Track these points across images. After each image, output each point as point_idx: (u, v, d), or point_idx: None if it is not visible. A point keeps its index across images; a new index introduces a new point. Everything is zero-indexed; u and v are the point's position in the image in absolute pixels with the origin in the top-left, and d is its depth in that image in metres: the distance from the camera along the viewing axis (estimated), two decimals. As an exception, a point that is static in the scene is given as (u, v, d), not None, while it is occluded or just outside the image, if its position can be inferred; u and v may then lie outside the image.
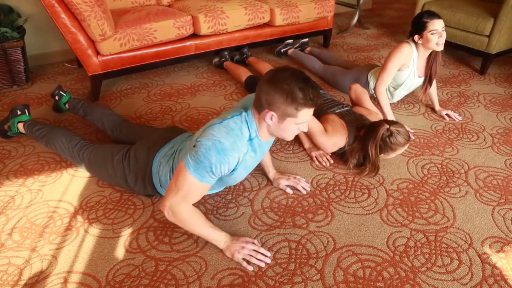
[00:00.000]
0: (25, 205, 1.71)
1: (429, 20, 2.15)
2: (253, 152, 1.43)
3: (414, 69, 2.34)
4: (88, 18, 2.21)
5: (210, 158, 1.29)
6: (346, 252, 1.49)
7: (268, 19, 3.05)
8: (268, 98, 1.28)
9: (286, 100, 1.25)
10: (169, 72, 3.03)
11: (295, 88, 1.24)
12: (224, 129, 1.33)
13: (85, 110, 2.18)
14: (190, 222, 1.40)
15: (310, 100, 1.26)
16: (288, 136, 1.39)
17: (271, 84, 1.27)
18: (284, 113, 1.28)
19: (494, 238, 1.57)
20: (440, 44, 2.19)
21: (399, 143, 1.80)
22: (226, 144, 1.30)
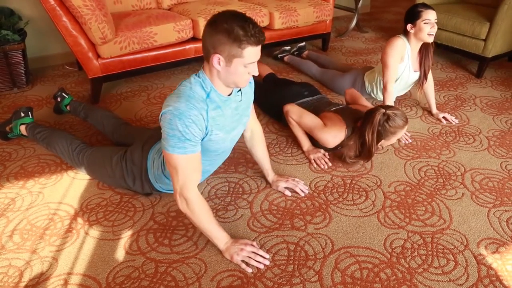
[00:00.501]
0: (25, 207, 1.72)
1: (424, 10, 2.21)
2: (218, 108, 1.41)
3: (409, 63, 2.37)
4: (89, 22, 2.23)
5: (176, 127, 1.30)
6: (344, 253, 1.51)
7: (267, 22, 3.07)
8: (211, 41, 1.27)
9: (229, 39, 1.24)
10: (169, 75, 3.05)
11: (235, 26, 1.23)
12: (174, 95, 1.34)
13: (86, 112, 2.20)
14: (199, 211, 1.40)
15: (252, 37, 1.24)
16: (240, 80, 1.36)
17: (212, 26, 1.27)
18: (230, 54, 1.27)
19: (490, 240, 1.59)
20: (432, 34, 2.23)
21: (398, 125, 1.82)
22: (181, 106, 1.30)
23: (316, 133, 1.97)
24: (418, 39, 2.29)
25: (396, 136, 1.87)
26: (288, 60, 3.25)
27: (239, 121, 1.55)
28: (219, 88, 1.40)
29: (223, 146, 1.54)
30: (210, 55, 1.30)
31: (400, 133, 1.86)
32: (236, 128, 1.55)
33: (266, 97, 2.47)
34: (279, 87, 2.51)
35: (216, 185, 1.87)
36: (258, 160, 1.82)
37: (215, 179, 1.91)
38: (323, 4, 3.32)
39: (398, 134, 1.86)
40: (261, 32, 1.27)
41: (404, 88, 2.55)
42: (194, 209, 1.39)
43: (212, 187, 1.86)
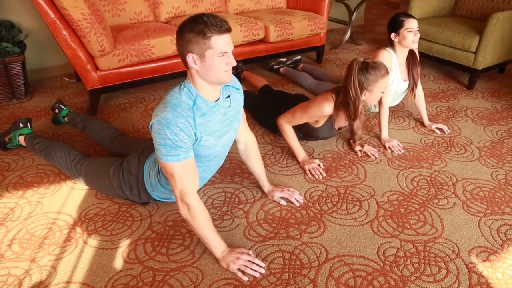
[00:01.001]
0: (24, 216, 1.74)
1: (406, 19, 2.30)
2: (204, 115, 1.43)
3: (397, 73, 2.43)
4: (89, 35, 2.28)
5: (166, 135, 1.34)
6: (338, 262, 1.54)
7: (263, 35, 3.13)
8: (181, 44, 1.34)
9: (194, 34, 1.29)
10: (166, 86, 3.10)
11: (196, 22, 1.29)
12: (161, 105, 1.39)
13: (84, 124, 2.24)
14: (200, 217, 1.43)
15: (213, 26, 1.28)
16: (220, 74, 1.37)
17: (179, 33, 1.34)
18: (200, 49, 1.31)
19: (481, 248, 1.63)
20: (415, 42, 2.31)
21: (379, 72, 1.85)
22: (168, 116, 1.34)
23: (307, 112, 2.01)
24: (403, 47, 2.37)
25: (379, 86, 1.88)
26: (284, 71, 3.31)
27: (229, 126, 1.59)
28: (205, 93, 1.43)
29: (214, 151, 1.57)
30: (185, 57, 1.35)
31: (382, 82, 1.87)
32: (227, 134, 1.58)
33: (261, 109, 2.52)
34: (274, 98, 2.56)
35: (212, 195, 1.90)
36: (254, 171, 1.86)
37: (211, 189, 1.94)
38: (317, 18, 3.39)
39: (381, 84, 1.88)
40: (223, 21, 1.32)
41: (395, 98, 2.60)
42: (194, 215, 1.42)
43: (208, 197, 1.89)
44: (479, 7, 3.50)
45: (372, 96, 1.93)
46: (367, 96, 1.92)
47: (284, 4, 3.81)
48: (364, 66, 1.87)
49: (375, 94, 1.92)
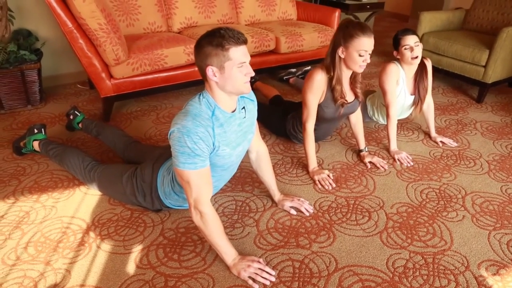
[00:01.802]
0: (39, 220, 1.78)
1: (402, 37, 2.31)
2: (221, 126, 1.47)
3: (404, 87, 2.45)
4: (104, 44, 2.34)
5: (185, 143, 1.37)
6: (348, 272, 1.56)
7: (274, 46, 3.18)
8: (200, 58, 1.38)
9: (213, 47, 1.34)
10: (177, 95, 3.15)
11: (214, 36, 1.34)
12: (181, 114, 1.42)
13: (98, 130, 2.28)
14: (212, 225, 1.45)
15: (230, 38, 1.33)
16: (239, 84, 1.41)
17: (197, 47, 1.39)
18: (219, 61, 1.35)
19: (490, 261, 1.63)
20: (414, 57, 2.30)
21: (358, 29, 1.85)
22: (188, 124, 1.37)
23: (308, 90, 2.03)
24: (405, 63, 2.38)
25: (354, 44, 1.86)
26: (293, 82, 3.35)
27: (244, 137, 1.63)
28: (223, 104, 1.47)
29: (229, 161, 1.61)
30: (204, 70, 1.39)
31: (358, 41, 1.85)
32: (241, 144, 1.62)
33: (273, 117, 2.55)
34: (285, 108, 2.59)
35: (223, 203, 1.93)
36: (264, 180, 1.89)
37: (222, 198, 1.97)
38: (327, 30, 3.44)
39: (356, 43, 1.85)
40: (239, 33, 1.36)
41: (402, 111, 2.62)
42: (207, 223, 1.45)
43: (219, 205, 1.91)
44: (489, 21, 3.53)
45: (349, 56, 1.90)
46: (345, 55, 1.92)
47: (294, 16, 3.86)
48: (348, 22, 1.91)
49: (351, 54, 1.89)
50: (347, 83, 2.10)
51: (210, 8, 3.31)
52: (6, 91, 2.68)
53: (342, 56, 1.93)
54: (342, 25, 1.94)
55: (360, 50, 1.87)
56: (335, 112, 2.13)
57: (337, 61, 1.95)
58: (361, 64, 1.91)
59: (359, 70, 1.96)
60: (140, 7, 2.98)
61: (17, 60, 2.61)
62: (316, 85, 2.01)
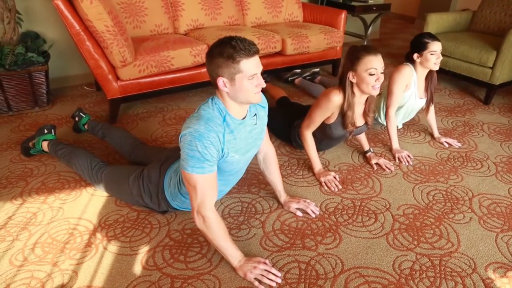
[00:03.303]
0: (46, 221, 1.79)
1: (430, 41, 2.29)
2: (231, 133, 1.47)
3: (415, 91, 2.44)
4: (111, 46, 2.35)
5: (196, 147, 1.37)
6: (354, 274, 1.55)
7: (280, 48, 3.18)
8: (211, 68, 1.38)
9: (224, 59, 1.33)
10: (183, 97, 3.16)
11: (225, 47, 1.33)
12: (194, 118, 1.42)
13: (104, 132, 2.29)
14: (216, 228, 1.45)
15: (242, 50, 1.32)
16: (250, 96, 1.41)
17: (209, 56, 1.38)
18: (230, 73, 1.35)
19: (498, 264, 1.62)
20: (437, 64, 2.32)
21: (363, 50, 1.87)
22: (201, 129, 1.38)
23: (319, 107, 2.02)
24: (424, 68, 2.37)
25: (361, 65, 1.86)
26: (299, 83, 3.35)
27: (254, 144, 1.63)
28: (233, 111, 1.48)
29: (237, 167, 1.62)
30: (215, 80, 1.40)
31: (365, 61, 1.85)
32: (250, 151, 1.63)
33: (277, 121, 2.55)
34: (289, 110, 2.59)
35: (229, 205, 1.93)
36: (271, 181, 1.89)
37: (228, 199, 1.97)
38: (334, 31, 3.43)
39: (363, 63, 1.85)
40: (251, 44, 1.35)
41: (409, 114, 2.61)
42: (211, 227, 1.45)
43: (225, 207, 1.92)
44: (496, 22, 3.51)
45: (360, 78, 1.89)
46: (356, 79, 1.91)
47: (300, 17, 3.86)
48: (352, 47, 1.94)
49: (361, 76, 1.88)
50: (361, 108, 2.09)
51: (216, 10, 3.32)
52: (14, 93, 2.70)
53: (354, 80, 1.92)
54: (348, 52, 1.96)
55: (369, 69, 1.85)
56: (342, 133, 2.16)
57: (349, 87, 1.94)
58: (374, 84, 1.88)
59: (373, 92, 1.92)
60: (147, 9, 3.00)
61: (25, 62, 2.63)
62: (329, 106, 2.00)
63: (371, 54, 1.86)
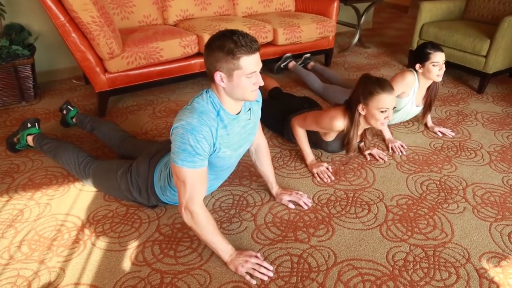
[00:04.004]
0: (33, 218, 1.75)
1: (433, 52, 2.22)
2: (225, 128, 1.44)
3: (413, 99, 2.40)
4: (98, 37, 2.29)
5: (187, 141, 1.33)
6: (347, 266, 1.53)
7: (271, 38, 3.14)
8: (209, 61, 1.33)
9: (224, 54, 1.29)
10: (173, 89, 3.11)
11: (226, 41, 1.28)
12: (187, 110, 1.38)
13: (93, 125, 2.24)
14: (204, 224, 1.43)
15: (243, 46, 1.28)
16: (246, 93, 1.38)
17: (208, 48, 1.33)
18: (229, 68, 1.31)
19: (492, 253, 1.60)
20: (440, 75, 2.26)
21: (378, 87, 1.81)
22: (193, 122, 1.34)
23: (318, 122, 1.99)
24: (426, 79, 2.32)
25: (374, 101, 1.82)
26: (292, 68, 3.27)
27: (247, 139, 1.60)
28: (228, 106, 1.44)
29: (229, 162, 1.59)
30: (213, 74, 1.35)
31: (378, 99, 1.81)
32: (243, 146, 1.60)
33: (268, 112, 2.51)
34: (281, 102, 2.56)
35: (220, 198, 1.90)
36: (263, 173, 1.85)
37: (219, 192, 1.94)
38: (326, 21, 3.39)
39: (376, 100, 1.81)
40: (253, 40, 1.30)
41: (405, 118, 2.57)
42: (199, 222, 1.42)
43: (216, 200, 1.88)
44: (490, 10, 3.48)
45: (369, 113, 1.87)
46: (366, 112, 1.88)
47: (292, 7, 3.81)
48: (367, 78, 1.88)
49: (371, 111, 1.86)
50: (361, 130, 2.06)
51: (206, 0, 3.25)
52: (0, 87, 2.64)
53: (363, 113, 1.90)
54: (361, 80, 1.90)
55: (381, 108, 1.83)
56: (337, 149, 2.19)
57: (357, 118, 1.91)
58: (383, 121, 1.87)
59: (380, 127, 1.92)
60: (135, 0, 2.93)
61: (10, 56, 2.57)
62: (329, 127, 1.98)
63: (385, 92, 1.82)
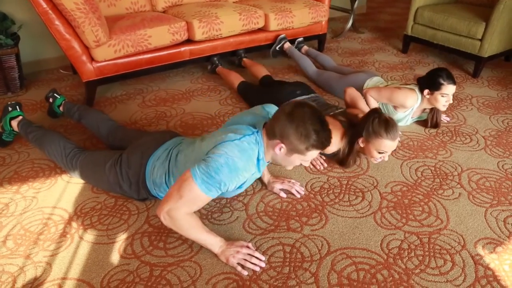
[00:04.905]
0: (19, 212, 1.70)
1: (446, 84, 2.15)
2: (258, 172, 1.49)
3: (409, 115, 2.35)
4: (83, 25, 2.22)
5: (221, 174, 1.31)
6: (340, 255, 1.50)
7: (263, 24, 3.07)
8: (282, 131, 1.33)
9: (300, 138, 1.31)
10: (164, 77, 3.04)
11: (310, 129, 1.30)
12: (237, 148, 1.34)
13: (81, 114, 2.16)
14: (187, 227, 1.39)
15: (321, 143, 1.34)
16: (289, 166, 1.48)
17: (288, 117, 1.32)
18: (294, 149, 1.35)
19: (487, 239, 1.58)
20: (446, 106, 2.22)
21: (384, 131, 1.77)
22: (239, 164, 1.33)
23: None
24: (430, 104, 2.27)
25: (375, 143, 1.80)
26: (288, 50, 3.19)
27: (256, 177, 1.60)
28: (267, 157, 1.48)
29: (235, 193, 1.63)
30: (275, 140, 1.37)
31: (379, 142, 1.79)
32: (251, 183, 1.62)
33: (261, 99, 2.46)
34: (273, 88, 2.51)
35: (211, 188, 1.86)
36: None
37: (210, 182, 1.90)
38: (319, 5, 3.32)
39: (377, 142, 1.80)
40: (330, 138, 1.37)
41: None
42: (180, 225, 1.39)
43: (207, 190, 1.84)
44: (485, -8, 3.42)
45: (367, 149, 1.86)
46: (364, 147, 1.87)
47: (284, -8, 3.72)
48: (377, 115, 1.82)
49: (369, 149, 1.85)
50: None
51: (195, -14, 3.17)
52: (-16, 78, 2.57)
53: (362, 145, 1.88)
54: (370, 115, 1.84)
55: (380, 150, 1.81)
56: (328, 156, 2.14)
57: (356, 148, 1.91)
58: (378, 159, 1.88)
59: (374, 161, 1.92)
60: (122, -14, 2.85)
61: (-7, 45, 2.49)
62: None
63: (389, 139, 1.78)
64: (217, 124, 2.39)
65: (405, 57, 3.57)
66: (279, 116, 1.36)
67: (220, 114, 2.51)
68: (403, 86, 2.31)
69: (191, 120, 2.43)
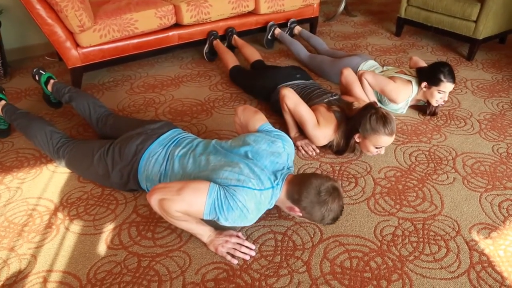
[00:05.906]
0: (3, 203, 1.65)
1: (445, 81, 2.12)
2: None
3: (406, 105, 2.31)
4: (65, 9, 2.14)
5: (230, 214, 1.30)
6: (333, 242, 1.47)
7: (253, 7, 2.99)
8: (308, 207, 1.34)
9: (320, 219, 1.34)
10: (152, 63, 2.97)
11: (332, 217, 1.34)
12: (255, 199, 1.33)
13: (72, 96, 2.04)
14: (176, 219, 1.35)
15: (334, 218, 1.36)
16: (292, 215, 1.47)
17: (320, 203, 1.32)
18: (308, 218, 1.38)
19: (482, 225, 1.55)
20: (439, 102, 2.20)
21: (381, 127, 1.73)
22: (249, 216, 1.33)
23: (307, 129, 1.89)
24: (424, 97, 2.25)
25: (371, 139, 1.77)
26: (279, 35, 3.12)
27: None
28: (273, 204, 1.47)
29: None
30: (295, 206, 1.37)
31: (376, 138, 1.76)
32: None
33: (256, 81, 2.41)
34: (269, 70, 2.45)
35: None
36: None
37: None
38: (311, -12, 3.24)
39: (374, 138, 1.76)
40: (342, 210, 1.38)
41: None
42: (170, 216, 1.32)
43: (197, 178, 1.80)
44: (479, -27, 3.35)
45: (364, 145, 1.83)
46: (360, 142, 1.84)
47: (275, -26, 3.63)
48: (374, 111, 1.77)
49: (365, 144, 1.82)
50: None
51: (183, -32, 3.07)
52: (-35, 65, 2.48)
53: (358, 141, 1.84)
54: (366, 109, 1.79)
55: (377, 145, 1.79)
56: None
57: (352, 144, 1.87)
58: (374, 154, 1.85)
59: (370, 155, 1.91)
60: (107, -31, 2.74)
61: (-27, 31, 2.40)
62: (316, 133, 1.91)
63: (386, 134, 1.74)
64: (207, 110, 2.33)
65: (399, 40, 3.51)
66: (310, 191, 1.33)
67: (209, 100, 2.45)
68: (400, 76, 2.26)
69: (180, 107, 2.37)
